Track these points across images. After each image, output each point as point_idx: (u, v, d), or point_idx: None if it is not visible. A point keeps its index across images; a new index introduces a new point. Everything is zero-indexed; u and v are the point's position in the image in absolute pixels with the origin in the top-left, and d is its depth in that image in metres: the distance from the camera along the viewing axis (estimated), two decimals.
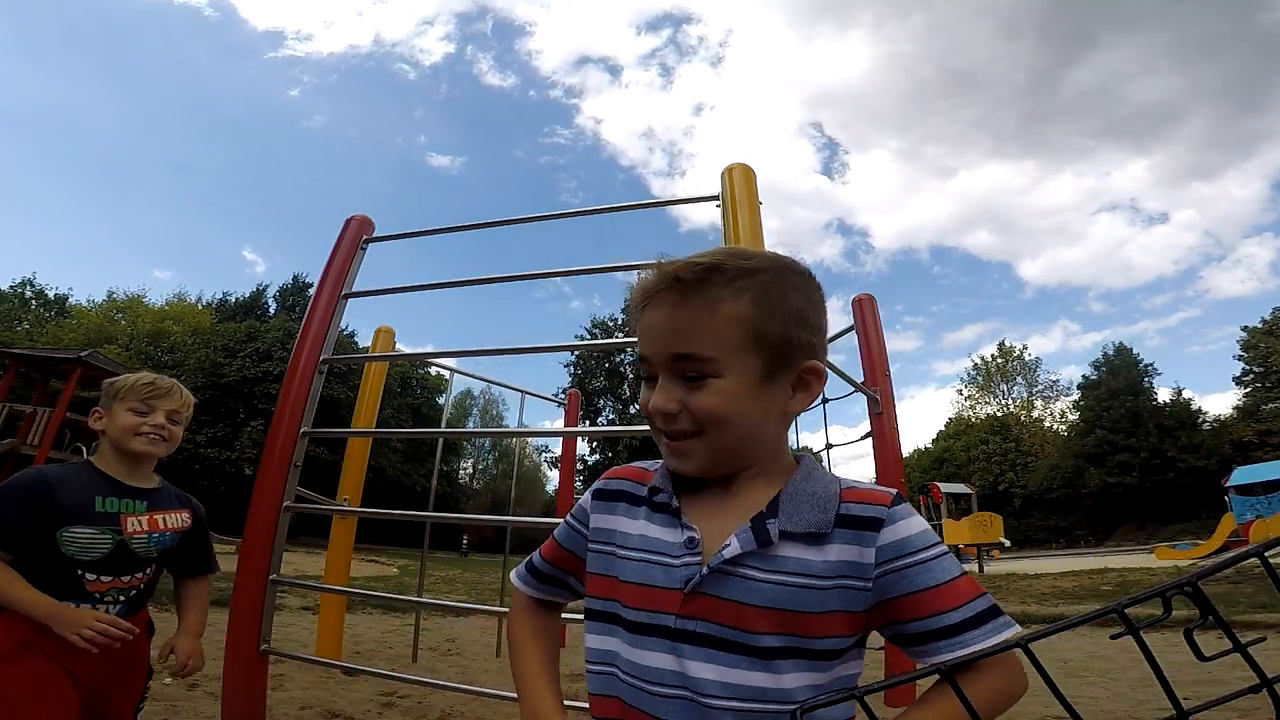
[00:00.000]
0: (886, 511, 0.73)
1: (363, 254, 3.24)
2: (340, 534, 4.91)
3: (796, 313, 0.75)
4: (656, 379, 0.77)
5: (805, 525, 0.72)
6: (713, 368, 0.73)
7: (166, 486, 1.77)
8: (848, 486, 0.76)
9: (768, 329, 0.73)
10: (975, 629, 0.68)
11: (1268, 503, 17.73)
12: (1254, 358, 37.24)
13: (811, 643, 0.70)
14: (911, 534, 0.72)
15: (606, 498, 0.87)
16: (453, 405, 8.60)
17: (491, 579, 13.94)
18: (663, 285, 0.75)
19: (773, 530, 0.72)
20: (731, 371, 0.73)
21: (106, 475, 1.62)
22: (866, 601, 0.71)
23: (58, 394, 15.85)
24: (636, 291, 0.79)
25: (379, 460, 32.02)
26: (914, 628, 0.70)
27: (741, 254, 0.77)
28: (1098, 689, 4.04)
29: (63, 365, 16.58)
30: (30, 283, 40.26)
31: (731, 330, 0.73)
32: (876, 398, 3.99)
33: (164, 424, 1.68)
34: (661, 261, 0.77)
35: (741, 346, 0.73)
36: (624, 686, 0.75)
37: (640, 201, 3.25)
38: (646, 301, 0.77)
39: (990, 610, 0.69)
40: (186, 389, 1.82)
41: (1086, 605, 8.60)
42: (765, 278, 0.75)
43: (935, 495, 20.62)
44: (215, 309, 41.02)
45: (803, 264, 0.81)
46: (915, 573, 0.70)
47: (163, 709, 3.04)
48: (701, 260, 0.74)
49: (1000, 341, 52.31)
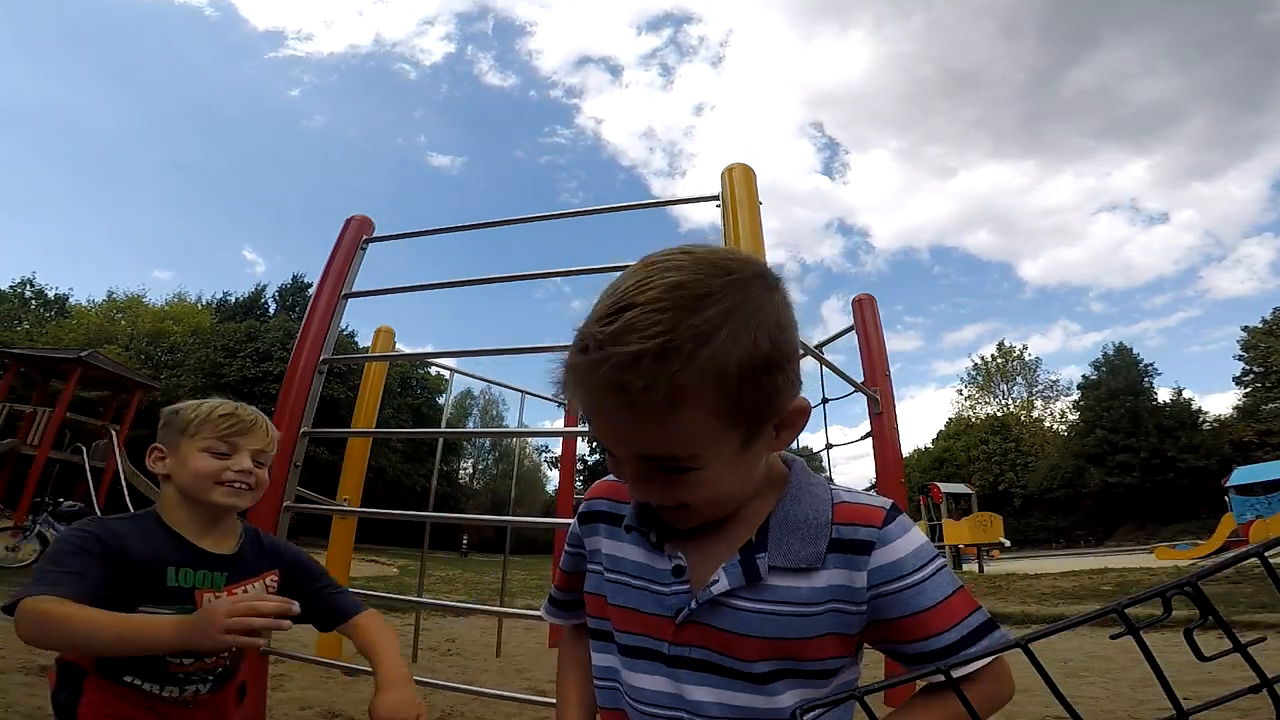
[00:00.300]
0: (878, 533, 0.70)
1: (363, 254, 3.24)
2: (340, 534, 4.91)
3: (768, 361, 0.61)
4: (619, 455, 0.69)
5: (795, 561, 0.70)
6: (689, 463, 0.64)
7: (250, 540, 1.36)
8: (840, 502, 0.73)
9: (741, 403, 0.61)
10: (970, 647, 0.68)
11: (1268, 503, 17.73)
12: (1254, 358, 37.26)
13: (805, 665, 0.70)
14: (904, 555, 0.70)
15: (587, 520, 0.86)
16: (453, 405, 8.60)
17: (491, 579, 13.92)
18: (602, 393, 0.60)
19: (761, 566, 0.70)
20: (711, 460, 0.64)
21: (177, 535, 1.25)
22: (859, 624, 0.71)
23: (58, 394, 15.82)
24: (568, 377, 0.64)
25: (379, 460, 32.01)
26: (910, 649, 0.70)
27: (690, 301, 0.59)
28: (1098, 689, 4.03)
29: (63, 365, 16.56)
30: (30, 283, 40.26)
31: (701, 426, 0.61)
32: (876, 398, 3.99)
33: (250, 468, 1.30)
34: (588, 334, 0.60)
35: (715, 435, 0.62)
36: (626, 702, 0.76)
37: (640, 201, 3.25)
38: (577, 389, 0.63)
39: (985, 625, 0.69)
40: (268, 419, 1.40)
41: (1086, 605, 8.60)
42: (727, 337, 0.58)
43: (935, 495, 20.61)
44: (215, 309, 41.01)
45: (760, 267, 0.66)
46: (909, 595, 0.69)
47: None
48: (643, 344, 0.57)
49: (1000, 341, 52.47)
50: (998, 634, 0.69)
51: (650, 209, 3.47)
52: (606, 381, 0.59)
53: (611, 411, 0.61)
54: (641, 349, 0.57)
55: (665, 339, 0.57)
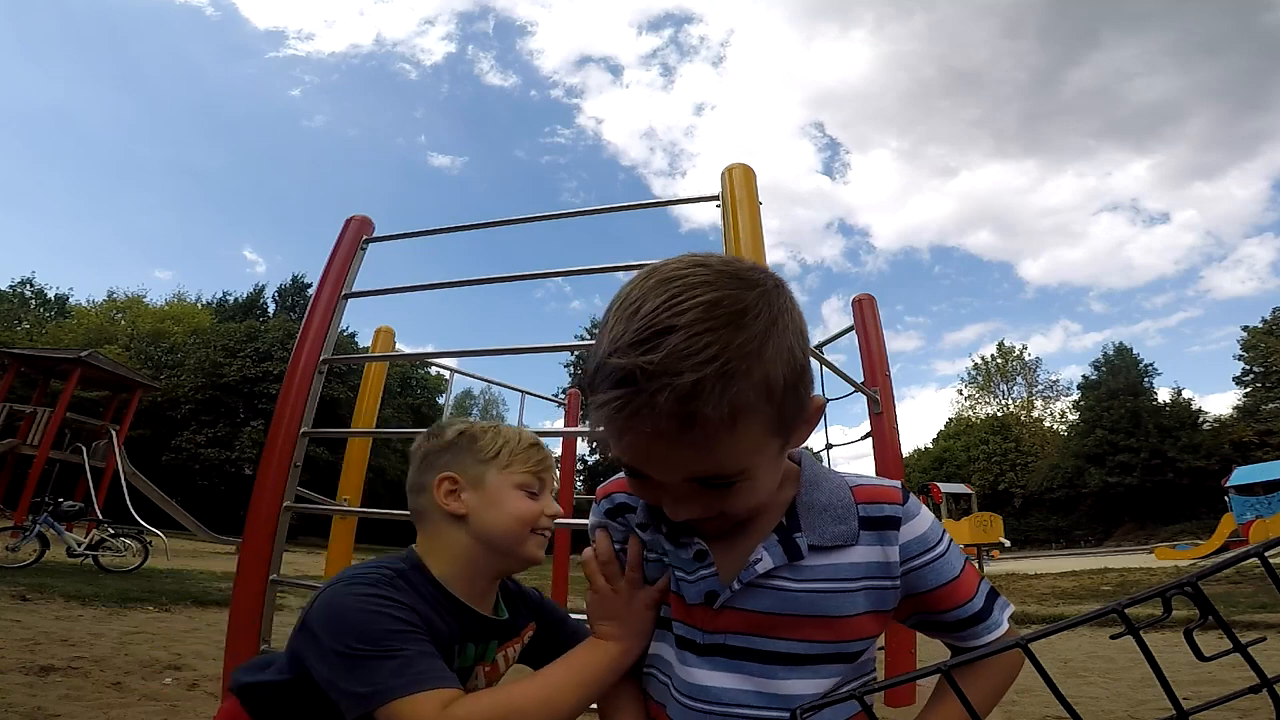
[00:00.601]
0: (901, 509, 0.74)
1: (363, 254, 3.24)
2: (340, 534, 4.91)
3: (803, 368, 0.63)
4: (649, 478, 0.66)
5: (833, 539, 0.72)
6: (738, 477, 0.64)
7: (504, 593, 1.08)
8: (855, 485, 0.76)
9: (785, 412, 0.63)
10: (993, 608, 0.76)
11: (1268, 503, 17.73)
12: (1254, 358, 37.25)
13: (848, 645, 0.72)
14: (926, 529, 0.75)
15: (618, 513, 0.84)
16: (453, 405, 8.60)
17: None
18: (657, 424, 0.57)
19: (802, 544, 0.71)
20: (758, 467, 0.65)
21: (456, 600, 0.95)
22: (894, 599, 0.74)
23: (58, 394, 15.83)
24: (607, 414, 0.60)
25: (379, 460, 31.98)
26: (949, 617, 0.75)
27: (733, 318, 0.58)
28: (1098, 689, 4.03)
29: (63, 365, 16.58)
30: (30, 282, 40.30)
31: (755, 441, 0.62)
32: (876, 398, 3.99)
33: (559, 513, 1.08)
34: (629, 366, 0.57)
35: (763, 446, 0.63)
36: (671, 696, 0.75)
37: (641, 201, 3.25)
38: (617, 417, 0.59)
39: (991, 590, 0.78)
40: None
41: (1086, 605, 8.60)
42: (772, 352, 0.59)
43: (935, 495, 20.62)
44: (215, 309, 41.03)
45: (775, 275, 0.66)
46: (939, 566, 0.74)
47: (163, 709, 3.04)
48: (702, 370, 0.55)
49: (1000, 341, 52.40)
50: (1002, 599, 0.77)
51: (650, 209, 3.48)
52: (668, 412, 0.56)
53: (668, 441, 0.58)
54: (702, 376, 0.55)
55: (723, 361, 0.56)
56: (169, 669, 3.81)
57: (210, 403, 30.54)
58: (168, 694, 3.31)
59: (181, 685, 3.48)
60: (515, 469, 1.01)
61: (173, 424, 30.00)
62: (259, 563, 2.62)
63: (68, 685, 3.26)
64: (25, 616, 5.10)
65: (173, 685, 3.47)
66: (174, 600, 6.64)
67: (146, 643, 4.57)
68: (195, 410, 30.42)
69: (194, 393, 30.64)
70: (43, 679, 3.34)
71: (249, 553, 2.66)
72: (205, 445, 29.40)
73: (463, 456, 1.01)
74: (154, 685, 3.45)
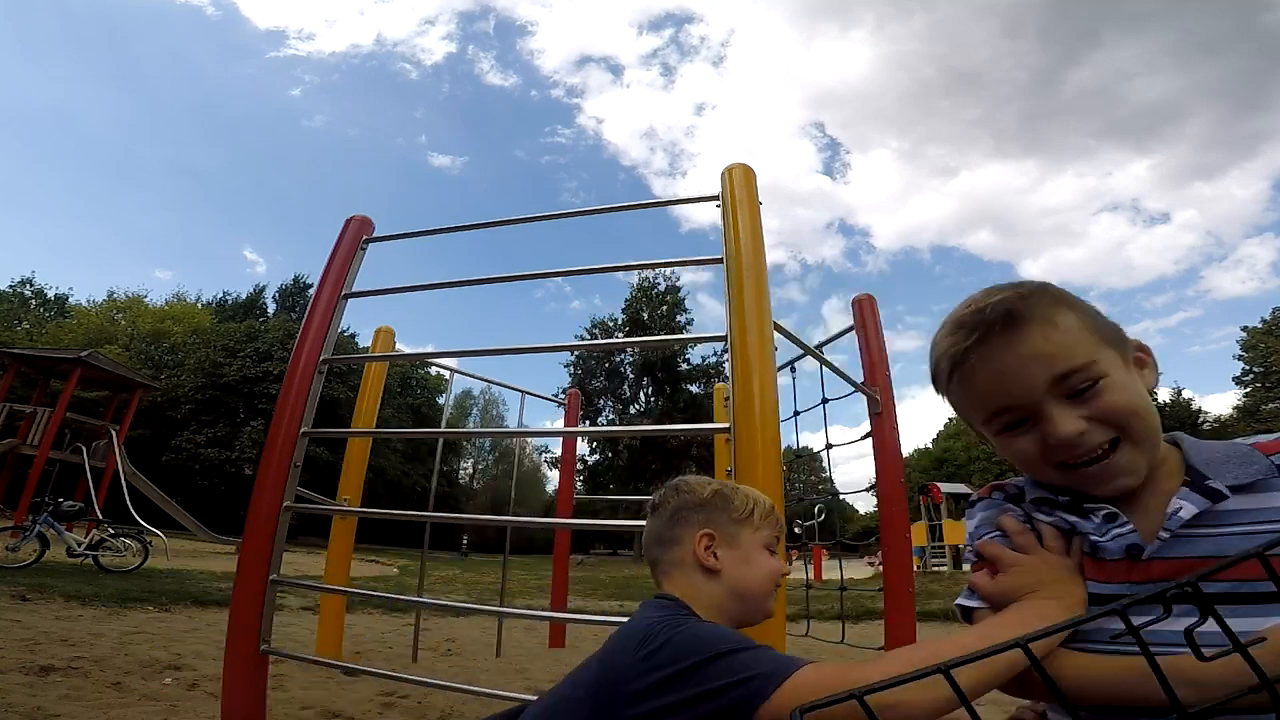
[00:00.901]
0: None
1: (363, 254, 3.24)
2: (340, 534, 4.91)
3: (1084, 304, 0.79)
4: (1022, 425, 0.76)
5: (1249, 476, 0.70)
6: (1095, 370, 0.73)
7: None
8: (1254, 442, 0.75)
9: (1096, 323, 0.76)
10: None
11: None
12: (1254, 358, 37.27)
13: None
14: None
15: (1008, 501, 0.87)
16: (453, 405, 8.58)
17: (491, 579, 13.92)
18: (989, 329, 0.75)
19: (1220, 487, 0.70)
20: (1110, 366, 0.74)
21: None
22: None
23: (58, 394, 15.84)
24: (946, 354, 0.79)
25: (379, 460, 32.00)
26: None
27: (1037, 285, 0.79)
28: None
29: (63, 365, 16.59)
30: (30, 282, 40.33)
31: (1081, 333, 0.74)
32: (877, 398, 3.98)
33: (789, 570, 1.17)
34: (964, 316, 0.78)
35: (1096, 343, 0.74)
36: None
37: (641, 201, 3.25)
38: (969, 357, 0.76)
39: None
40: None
41: None
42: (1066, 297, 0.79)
43: (935, 495, 20.59)
44: (215, 309, 41.06)
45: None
46: None
47: (163, 709, 3.04)
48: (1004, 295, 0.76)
49: None
50: None
51: (650, 209, 3.47)
52: (1001, 322, 0.74)
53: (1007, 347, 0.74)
54: (1016, 293, 0.76)
55: (1026, 287, 0.78)
56: (169, 669, 3.81)
57: (210, 403, 30.55)
58: (168, 694, 3.31)
59: (181, 685, 3.48)
60: (764, 530, 1.10)
61: (173, 424, 30.01)
62: (259, 563, 2.62)
63: (68, 685, 3.26)
64: (25, 616, 5.10)
65: (173, 685, 3.47)
66: (174, 600, 6.65)
67: (146, 643, 4.57)
68: (195, 410, 30.42)
69: (194, 393, 30.65)
70: (43, 679, 3.34)
71: (249, 553, 2.66)
72: (205, 445, 29.42)
73: (718, 515, 1.08)
74: (154, 685, 3.45)
